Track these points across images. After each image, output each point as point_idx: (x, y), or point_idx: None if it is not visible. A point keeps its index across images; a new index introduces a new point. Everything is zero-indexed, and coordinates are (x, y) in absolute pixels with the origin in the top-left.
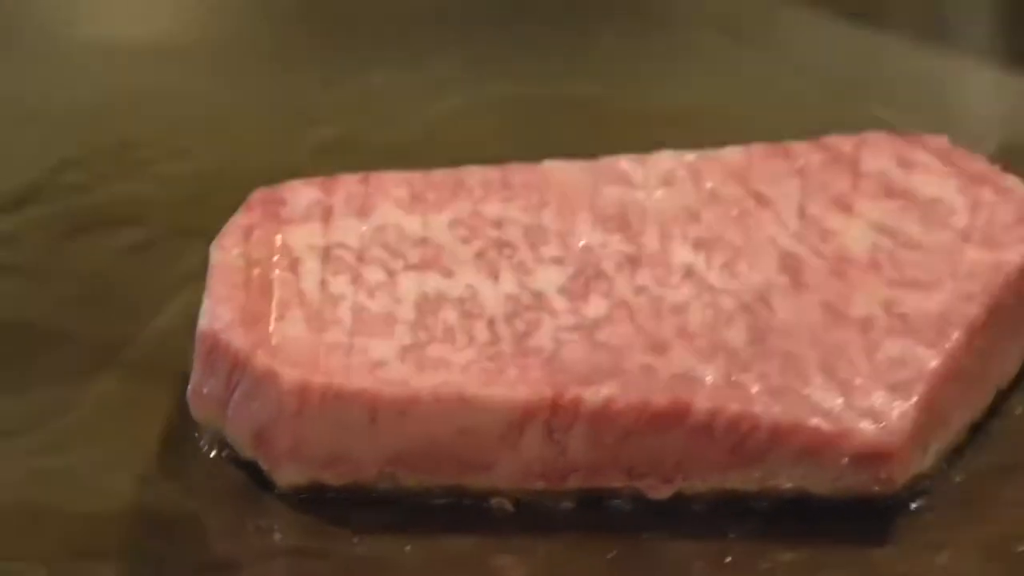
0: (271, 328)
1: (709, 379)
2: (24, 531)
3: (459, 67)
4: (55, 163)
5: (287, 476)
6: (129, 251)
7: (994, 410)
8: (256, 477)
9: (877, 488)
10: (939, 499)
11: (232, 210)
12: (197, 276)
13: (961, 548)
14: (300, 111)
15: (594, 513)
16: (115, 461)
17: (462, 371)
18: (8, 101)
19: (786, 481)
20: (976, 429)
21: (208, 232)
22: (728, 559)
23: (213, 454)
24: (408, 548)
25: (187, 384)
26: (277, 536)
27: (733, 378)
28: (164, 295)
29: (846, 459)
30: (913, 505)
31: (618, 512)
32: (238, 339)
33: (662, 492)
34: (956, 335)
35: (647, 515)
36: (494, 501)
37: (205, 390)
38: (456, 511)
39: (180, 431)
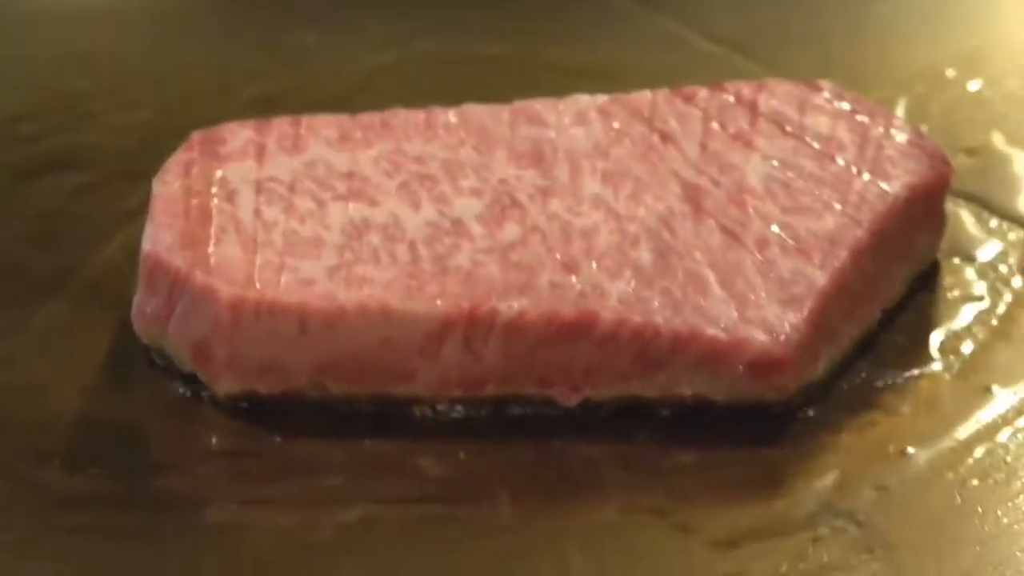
0: (209, 250)
1: (615, 294)
2: None
3: (390, 26)
4: (6, 117)
5: (224, 386)
6: (77, 192)
7: (880, 327)
8: (195, 388)
9: (770, 395)
10: (828, 406)
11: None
12: (141, 212)
13: (848, 450)
14: (237, 68)
15: (508, 419)
16: (63, 376)
17: (385, 287)
18: None
19: (686, 388)
20: (863, 344)
21: (151, 174)
22: (632, 461)
23: (155, 369)
24: (335, 451)
25: (131, 307)
26: (214, 440)
27: (637, 293)
28: (110, 230)
29: (741, 367)
30: (804, 411)
31: (531, 418)
32: (178, 259)
33: (571, 399)
34: (843, 256)
35: (558, 421)
36: (416, 408)
37: (148, 309)
38: (380, 417)
39: (124, 349)
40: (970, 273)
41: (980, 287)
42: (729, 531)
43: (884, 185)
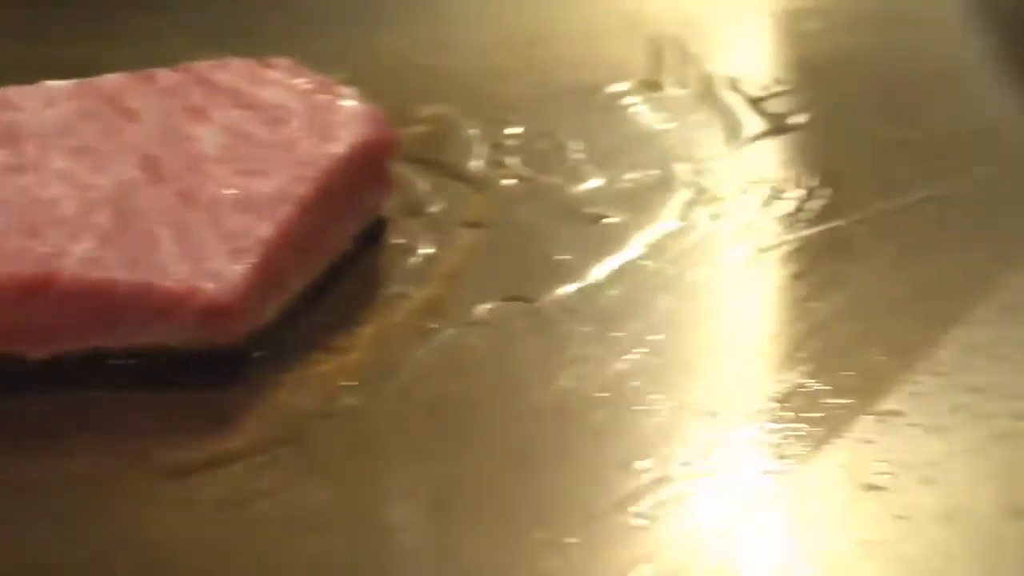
0: None
1: (76, 254)
2: None
3: None
4: None
5: None
6: None
7: (330, 278)
8: None
9: (222, 340)
10: (279, 350)
11: None
12: None
13: (295, 387)
14: None
15: None
16: None
17: None
18: None
19: (147, 338)
20: (313, 293)
21: None
22: (94, 408)
23: None
24: None
25: None
26: None
27: (96, 253)
28: None
29: (193, 314)
30: (256, 354)
31: None
32: None
33: (39, 353)
34: (288, 209)
35: (26, 377)
36: None
37: None
38: None
39: None
40: (419, 228)
41: (427, 240)
42: (179, 464)
43: (328, 147)
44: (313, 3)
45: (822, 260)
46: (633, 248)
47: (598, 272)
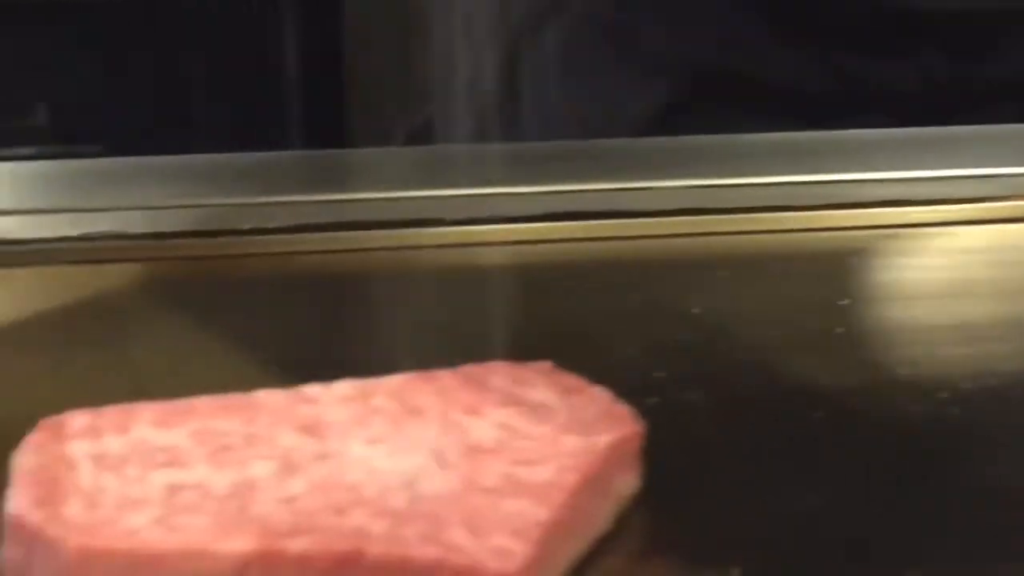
0: (58, 511)
1: (377, 532)
2: None
3: None
4: None
5: None
6: None
7: (591, 555)
8: None
9: None
10: None
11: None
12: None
13: None
14: None
15: None
16: None
17: (199, 531)
18: None
19: None
20: (576, 569)
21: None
22: None
23: None
24: None
25: None
26: None
27: (394, 531)
28: None
29: None
30: None
31: None
32: (34, 517)
33: None
34: (559, 496)
35: None
36: None
37: (10, 562)
38: None
39: None
40: None
41: None
42: None
43: (588, 439)
44: None
45: None
46: None
47: None
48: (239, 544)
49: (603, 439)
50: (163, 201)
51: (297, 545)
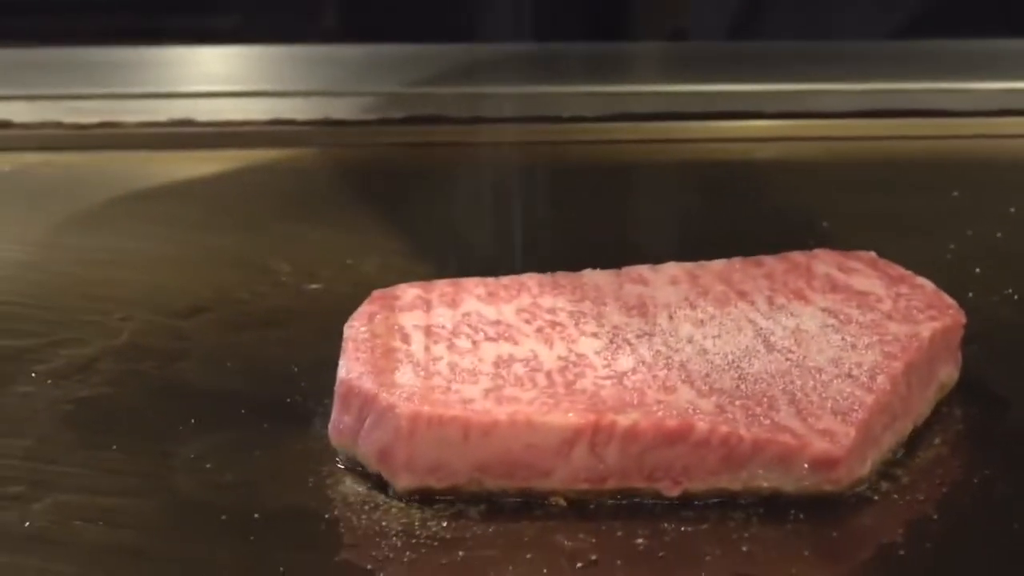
0: (391, 377)
1: (706, 409)
2: (204, 530)
3: None
4: (220, 286)
5: (403, 483)
6: (278, 343)
7: (912, 441)
8: (379, 485)
9: (829, 487)
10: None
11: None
12: (329, 360)
13: (888, 528)
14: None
15: (626, 507)
16: (269, 480)
17: (528, 404)
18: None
19: (764, 482)
20: (901, 452)
21: (332, 330)
22: (722, 537)
23: (343, 471)
24: (491, 530)
25: (326, 424)
26: (395, 527)
27: (722, 409)
28: (305, 371)
29: (806, 465)
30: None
31: (642, 506)
32: (367, 383)
33: (673, 491)
34: (883, 382)
35: (664, 508)
36: (552, 499)
37: (341, 425)
38: (525, 506)
39: (319, 456)
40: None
41: None
42: None
43: (913, 328)
44: None
45: None
46: None
47: None
48: (569, 417)
49: (928, 327)
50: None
51: (626, 419)
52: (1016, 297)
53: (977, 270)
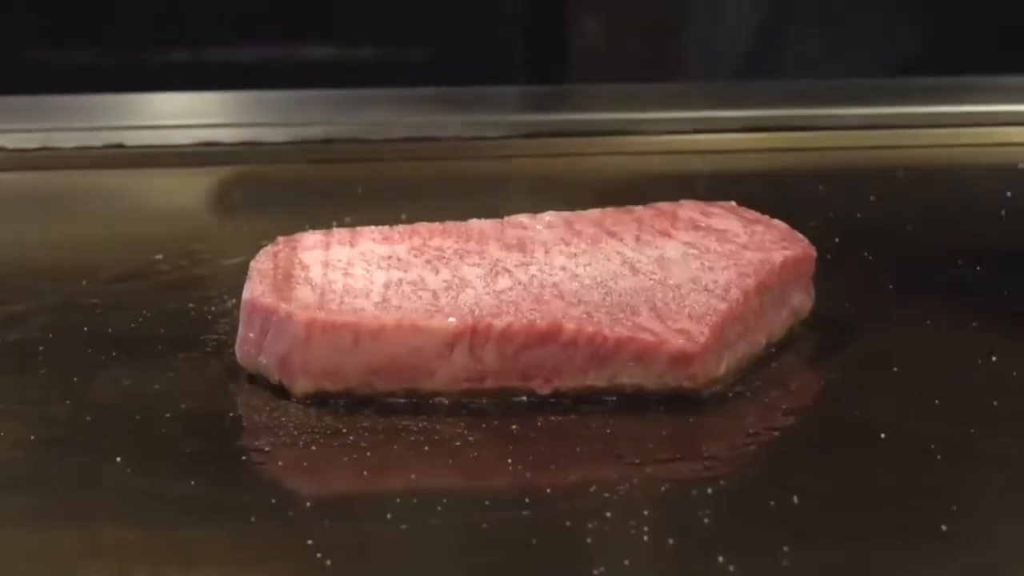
0: (290, 293)
1: (574, 314)
2: (117, 426)
3: None
4: (147, 260)
5: (301, 387)
6: (199, 301)
7: (766, 356)
8: (280, 394)
9: (687, 384)
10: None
11: None
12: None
13: (741, 417)
14: None
15: (502, 404)
16: (179, 393)
17: (413, 312)
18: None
19: (627, 379)
20: (755, 363)
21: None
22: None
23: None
24: (381, 422)
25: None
26: (292, 421)
27: (590, 314)
28: (222, 315)
29: (665, 361)
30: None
31: (518, 404)
32: (268, 298)
33: (546, 388)
34: (736, 294)
35: (537, 403)
36: (436, 399)
37: (246, 344)
38: (411, 405)
39: (228, 373)
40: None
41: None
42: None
43: (766, 255)
44: None
45: None
46: None
47: None
48: (450, 321)
49: (780, 255)
50: None
51: (501, 322)
52: (871, 258)
53: (836, 239)
